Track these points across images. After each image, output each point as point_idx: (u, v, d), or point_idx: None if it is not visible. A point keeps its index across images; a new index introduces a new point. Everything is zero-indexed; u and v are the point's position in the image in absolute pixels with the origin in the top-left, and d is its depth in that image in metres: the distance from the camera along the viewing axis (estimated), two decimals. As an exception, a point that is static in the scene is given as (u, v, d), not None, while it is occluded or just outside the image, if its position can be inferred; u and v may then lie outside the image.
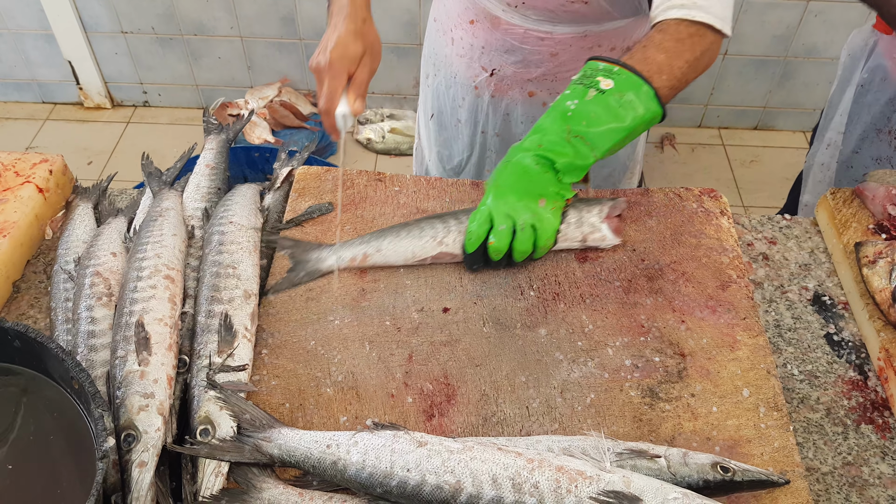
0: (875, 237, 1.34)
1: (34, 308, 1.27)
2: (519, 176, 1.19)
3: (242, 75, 3.59)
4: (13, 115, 3.74)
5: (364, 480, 0.94)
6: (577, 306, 1.23)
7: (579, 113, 1.18)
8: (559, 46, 1.51)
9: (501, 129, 1.73)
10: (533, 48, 1.53)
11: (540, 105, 1.65)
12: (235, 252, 1.23)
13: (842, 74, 1.89)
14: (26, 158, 1.43)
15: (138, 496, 0.93)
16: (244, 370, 1.10)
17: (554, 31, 1.49)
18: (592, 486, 0.89)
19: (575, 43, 1.51)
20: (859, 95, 1.78)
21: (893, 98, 1.67)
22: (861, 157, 1.78)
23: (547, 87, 1.61)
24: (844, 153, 1.84)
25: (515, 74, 1.60)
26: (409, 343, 1.18)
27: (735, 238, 1.34)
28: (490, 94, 1.66)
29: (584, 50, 1.52)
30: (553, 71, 1.57)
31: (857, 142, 1.78)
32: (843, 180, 1.85)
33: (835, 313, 1.30)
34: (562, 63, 1.55)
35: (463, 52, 1.65)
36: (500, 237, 1.19)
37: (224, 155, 1.51)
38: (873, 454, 1.11)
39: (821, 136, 1.96)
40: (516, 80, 1.61)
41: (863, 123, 1.76)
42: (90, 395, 0.92)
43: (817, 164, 1.97)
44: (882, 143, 1.72)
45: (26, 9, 3.37)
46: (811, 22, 3.21)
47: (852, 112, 1.81)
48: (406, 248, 1.26)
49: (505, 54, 1.57)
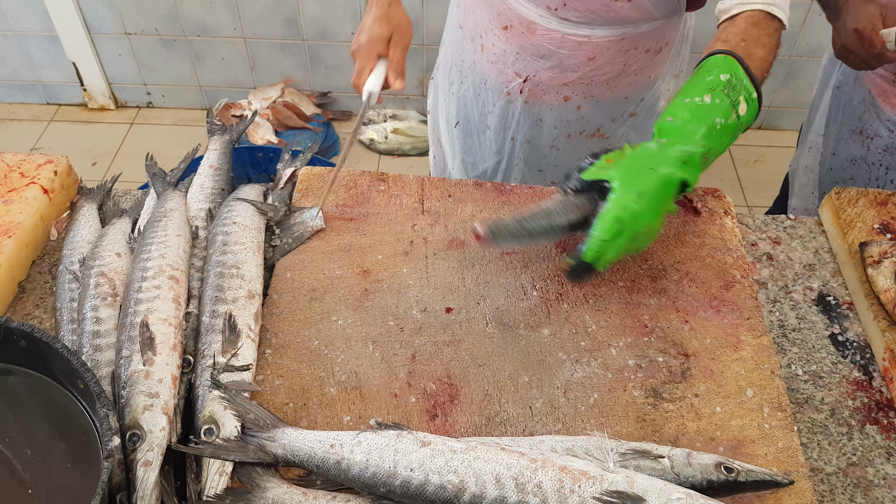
0: (880, 237, 1.34)
1: (39, 308, 1.27)
2: (663, 194, 1.14)
3: (246, 76, 3.60)
4: (18, 116, 3.75)
5: (367, 480, 0.94)
6: (580, 306, 1.23)
7: (719, 135, 1.18)
8: (596, 50, 1.51)
9: (532, 134, 1.72)
10: (570, 52, 1.52)
11: (574, 109, 1.64)
12: (239, 252, 1.24)
13: (822, 77, 1.89)
14: (31, 159, 1.44)
15: (143, 495, 0.94)
16: (248, 370, 1.10)
17: (592, 35, 1.48)
18: (596, 487, 0.89)
19: (612, 46, 1.50)
20: (836, 97, 1.78)
21: (865, 98, 1.67)
22: (838, 159, 1.78)
23: (582, 90, 1.60)
24: (825, 155, 1.83)
25: (551, 80, 1.59)
26: (413, 343, 1.18)
27: (739, 238, 1.34)
28: (523, 101, 1.65)
29: (621, 53, 1.52)
30: (589, 75, 1.56)
31: (834, 143, 1.78)
32: (825, 182, 1.85)
33: (839, 313, 1.30)
34: (598, 66, 1.54)
35: (495, 59, 1.64)
36: (617, 252, 1.14)
37: (228, 156, 1.51)
38: (878, 455, 1.11)
39: (804, 139, 1.95)
40: (551, 86, 1.60)
41: (838, 125, 1.76)
42: (95, 394, 0.92)
43: (801, 168, 1.97)
44: (856, 144, 1.72)
45: (30, 10, 3.38)
46: (815, 21, 3.20)
47: (830, 114, 1.80)
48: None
49: (540, 60, 1.56)
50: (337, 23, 3.34)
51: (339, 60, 3.50)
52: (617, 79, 1.57)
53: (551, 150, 1.73)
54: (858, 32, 1.46)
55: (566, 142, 1.70)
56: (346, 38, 3.40)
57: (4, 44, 3.53)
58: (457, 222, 1.37)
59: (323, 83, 3.62)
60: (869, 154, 1.69)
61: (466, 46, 1.71)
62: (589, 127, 1.67)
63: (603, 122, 1.67)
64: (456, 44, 1.76)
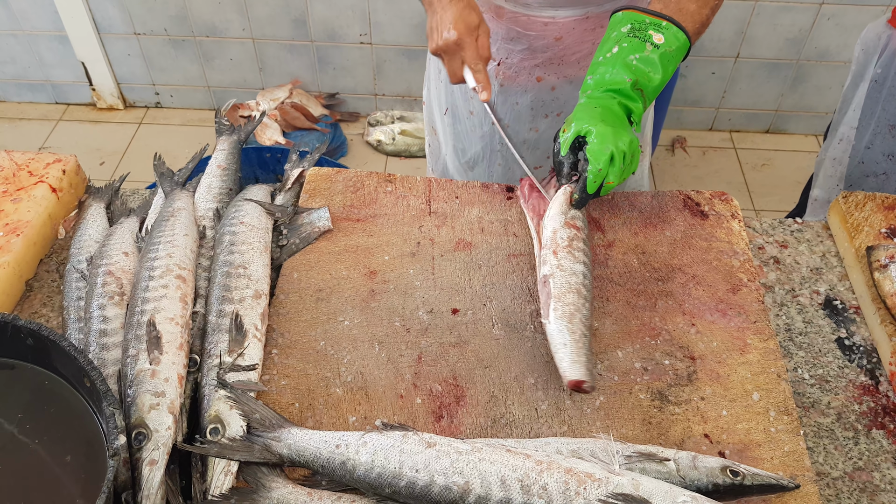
0: (887, 241, 1.33)
1: (47, 307, 1.28)
2: (613, 117, 1.25)
3: (254, 77, 3.61)
4: (27, 115, 3.77)
5: (373, 481, 0.95)
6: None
7: (641, 67, 1.28)
8: (563, 30, 1.54)
9: (512, 117, 1.74)
10: (537, 34, 1.56)
11: (549, 89, 1.67)
12: (246, 252, 1.24)
13: (855, 69, 1.88)
14: (40, 158, 1.44)
15: (149, 494, 0.94)
16: (254, 370, 1.10)
17: (556, 16, 1.52)
18: (601, 489, 0.89)
19: (578, 25, 1.54)
20: (873, 91, 1.77)
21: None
22: (872, 153, 1.77)
23: (553, 70, 1.64)
24: (857, 148, 1.82)
25: (522, 62, 1.62)
26: (419, 344, 1.18)
27: (746, 241, 1.34)
28: (499, 84, 1.68)
29: (588, 32, 1.56)
30: (559, 55, 1.59)
31: (870, 137, 1.77)
32: (853, 174, 1.84)
33: (846, 317, 1.30)
34: (567, 46, 1.58)
35: None
36: (617, 176, 1.23)
37: (235, 156, 1.52)
38: (884, 459, 1.11)
39: (834, 130, 1.94)
40: (523, 68, 1.64)
41: (876, 119, 1.75)
42: (102, 393, 0.92)
43: (829, 159, 1.96)
44: (895, 140, 1.71)
45: (41, 10, 3.39)
46: (824, 25, 3.19)
47: (865, 107, 1.79)
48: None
49: (510, 43, 1.59)
50: (345, 24, 3.35)
51: (347, 62, 3.51)
52: (587, 58, 1.61)
53: (531, 132, 1.76)
54: None
55: (544, 122, 1.74)
56: (353, 40, 3.41)
57: (14, 43, 3.55)
58: (464, 224, 1.37)
59: (331, 84, 3.62)
60: None
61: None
62: (566, 108, 1.71)
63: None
64: None
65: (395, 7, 3.26)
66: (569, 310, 1.14)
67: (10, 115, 3.77)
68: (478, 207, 1.40)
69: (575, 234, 1.23)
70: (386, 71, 3.53)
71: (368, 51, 3.45)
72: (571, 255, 1.21)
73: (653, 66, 1.28)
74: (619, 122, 1.25)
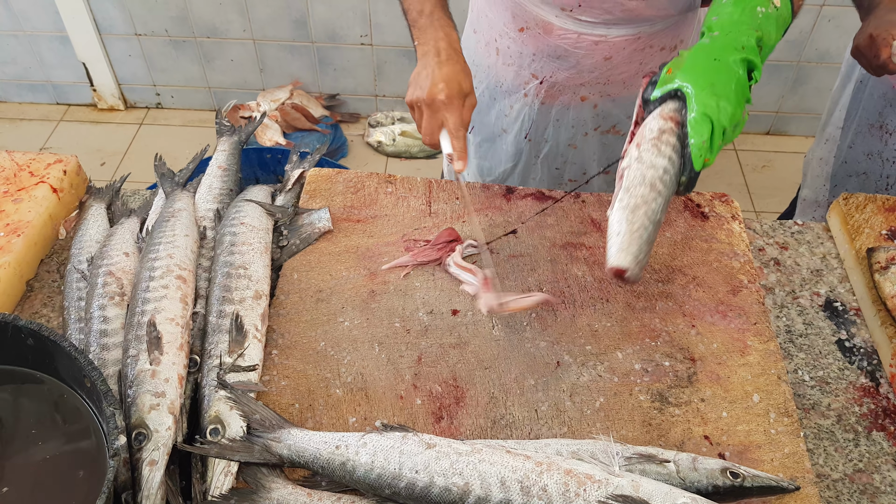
0: (887, 243, 1.33)
1: (47, 307, 1.28)
2: (727, 78, 1.12)
3: (255, 78, 3.61)
4: (28, 115, 3.77)
5: (373, 481, 0.95)
6: (586, 310, 1.23)
7: (764, 22, 1.17)
8: (613, 50, 1.51)
9: (549, 134, 1.72)
10: (586, 52, 1.52)
11: (591, 107, 1.64)
12: (247, 253, 1.24)
13: (844, 70, 1.89)
14: (41, 159, 1.44)
15: (149, 494, 0.94)
16: (254, 370, 1.10)
17: (608, 35, 1.48)
18: (601, 490, 0.89)
19: (628, 45, 1.51)
20: (857, 91, 1.78)
21: (887, 93, 1.67)
22: (854, 152, 1.78)
23: (599, 90, 1.60)
24: (841, 148, 1.84)
25: (567, 80, 1.59)
26: (418, 345, 1.18)
27: (746, 243, 1.34)
28: (540, 102, 1.65)
29: (637, 52, 1.52)
30: (606, 74, 1.56)
31: (853, 137, 1.78)
32: (838, 174, 1.85)
33: (847, 319, 1.30)
34: (615, 66, 1.54)
35: (511, 61, 1.64)
36: (714, 154, 1.11)
37: (236, 157, 1.52)
38: (885, 461, 1.11)
39: (821, 131, 1.96)
40: (568, 86, 1.61)
41: (858, 119, 1.76)
42: (102, 393, 0.92)
43: (816, 159, 1.97)
44: (874, 139, 1.72)
45: (41, 11, 3.40)
46: (824, 27, 3.19)
47: (850, 107, 1.81)
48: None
49: (557, 61, 1.56)
50: (346, 25, 3.35)
51: (348, 63, 3.51)
52: (634, 78, 1.58)
53: (568, 148, 1.74)
54: (872, 38, 1.46)
55: (583, 139, 1.71)
56: (354, 41, 3.41)
57: (15, 44, 3.55)
58: (465, 224, 1.37)
59: (331, 85, 3.63)
60: (886, 149, 1.69)
61: (481, 51, 1.71)
62: (605, 123, 1.68)
63: (619, 118, 1.68)
64: (469, 49, 1.76)
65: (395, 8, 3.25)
66: (634, 201, 1.07)
67: (10, 115, 3.77)
68: (478, 208, 1.40)
69: (670, 127, 1.12)
70: (386, 72, 3.53)
71: (369, 52, 3.45)
72: (657, 148, 1.10)
73: (772, 28, 1.18)
74: (728, 88, 1.11)
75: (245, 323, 1.13)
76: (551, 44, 1.53)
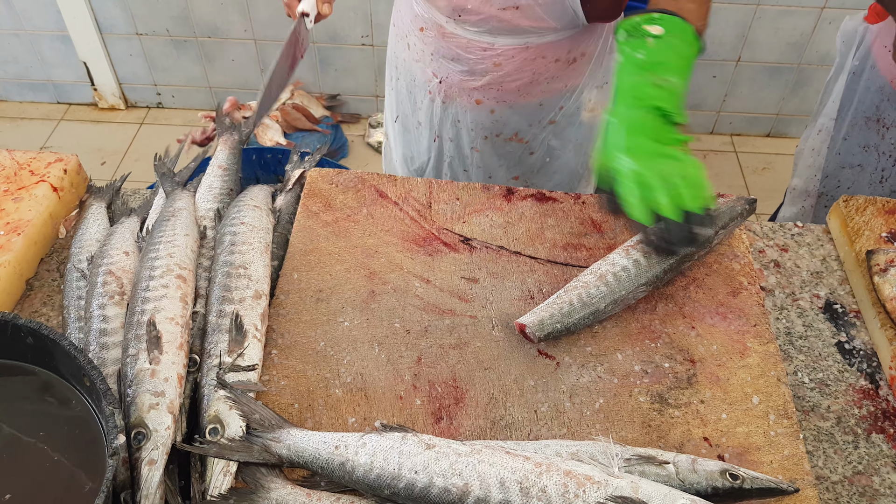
0: (887, 245, 1.33)
1: (47, 306, 1.28)
2: (641, 130, 1.13)
3: (255, 78, 3.61)
4: (29, 114, 3.77)
5: (372, 482, 0.94)
6: (586, 311, 1.23)
7: (651, 60, 1.18)
8: (501, 58, 1.53)
9: (454, 135, 1.75)
10: (477, 58, 1.55)
11: (488, 112, 1.66)
12: (247, 252, 1.24)
13: (838, 61, 1.89)
14: (41, 158, 1.44)
15: (147, 494, 0.94)
16: (254, 370, 1.10)
17: (495, 43, 1.51)
18: (600, 492, 0.89)
19: (517, 54, 1.52)
20: (851, 82, 1.78)
21: (884, 87, 1.66)
22: (849, 144, 1.78)
23: (493, 95, 1.62)
24: (835, 139, 1.83)
25: (462, 82, 1.62)
26: (418, 345, 1.18)
27: (746, 245, 1.34)
28: (441, 100, 1.69)
29: (528, 61, 1.53)
30: (498, 80, 1.58)
31: (847, 129, 1.78)
32: (831, 165, 1.85)
33: (846, 321, 1.30)
34: (506, 73, 1.56)
35: (418, 58, 1.69)
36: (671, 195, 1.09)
37: (236, 156, 1.52)
38: (884, 464, 1.10)
39: (814, 121, 1.95)
40: (463, 88, 1.64)
41: (853, 110, 1.76)
42: (101, 392, 0.92)
43: (808, 149, 1.97)
44: (870, 132, 1.72)
45: (43, 10, 3.40)
46: (825, 29, 3.19)
47: (844, 98, 1.80)
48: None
49: (452, 62, 1.59)
50: (347, 26, 3.35)
51: (349, 63, 3.51)
52: (528, 86, 1.59)
53: (472, 151, 1.76)
54: None
55: (483, 143, 1.74)
56: (355, 42, 3.41)
57: (16, 43, 3.55)
58: (464, 225, 1.37)
59: (332, 86, 3.63)
60: (882, 143, 1.68)
61: (398, 44, 1.77)
62: (506, 130, 1.70)
63: (520, 126, 1.70)
64: (392, 40, 1.83)
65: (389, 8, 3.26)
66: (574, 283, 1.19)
67: (11, 114, 3.77)
68: (479, 208, 1.40)
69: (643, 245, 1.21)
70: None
71: (370, 52, 3.46)
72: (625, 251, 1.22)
73: (661, 55, 1.18)
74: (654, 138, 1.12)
75: (245, 322, 1.13)
76: (446, 45, 1.57)
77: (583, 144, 1.79)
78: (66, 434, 0.99)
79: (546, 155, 1.77)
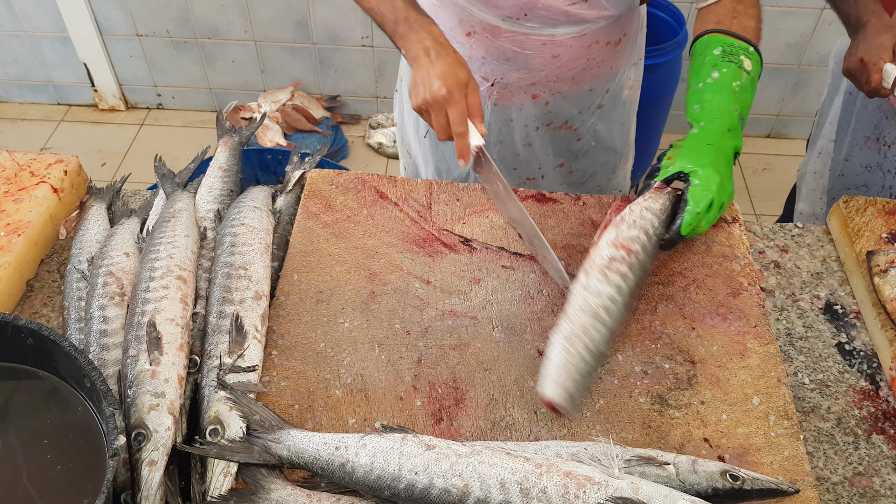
0: (887, 246, 1.33)
1: (47, 307, 1.28)
2: (723, 160, 1.27)
3: (256, 79, 3.61)
4: (29, 116, 3.77)
5: (372, 483, 0.94)
6: (586, 312, 1.23)
7: (741, 94, 1.31)
8: (560, 48, 1.53)
9: (503, 134, 1.74)
10: (534, 52, 1.54)
11: (542, 104, 1.66)
12: (247, 254, 1.24)
13: (831, 82, 1.89)
14: (41, 159, 1.45)
15: (148, 495, 0.94)
16: (254, 371, 1.10)
17: (555, 34, 1.51)
18: (601, 492, 0.89)
19: (575, 43, 1.53)
20: (847, 103, 1.78)
21: (882, 105, 1.66)
22: (851, 165, 1.78)
23: (549, 87, 1.63)
24: (836, 161, 1.83)
25: (518, 81, 1.61)
26: (418, 346, 1.18)
27: (747, 246, 1.34)
28: (493, 104, 1.67)
29: (584, 48, 1.55)
30: (555, 72, 1.59)
31: (848, 149, 1.78)
32: (835, 187, 1.85)
33: (847, 322, 1.30)
34: (563, 63, 1.57)
35: None
36: (709, 223, 1.26)
37: (237, 157, 1.52)
38: (884, 465, 1.10)
39: (813, 144, 1.95)
40: (519, 86, 1.63)
41: (852, 131, 1.76)
42: (102, 393, 0.92)
43: (810, 173, 1.97)
44: (871, 151, 1.71)
45: (43, 11, 3.40)
46: (825, 30, 3.19)
47: (841, 120, 1.80)
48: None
49: (506, 63, 1.58)
50: (347, 27, 3.35)
51: (349, 64, 3.51)
52: (582, 73, 1.61)
53: (523, 147, 1.75)
54: (863, 62, 1.46)
55: (535, 135, 1.73)
56: (355, 42, 3.41)
57: (17, 44, 3.55)
58: (465, 226, 1.37)
59: (332, 87, 3.63)
60: (886, 161, 1.68)
61: None
62: (557, 119, 1.70)
63: (570, 114, 1.70)
64: None
65: (397, 10, 3.26)
66: (573, 330, 1.09)
67: (12, 115, 3.77)
68: (479, 209, 1.40)
69: (622, 255, 1.16)
70: (387, 73, 3.53)
71: (370, 53, 3.46)
72: (604, 275, 1.14)
73: (749, 93, 1.31)
74: (726, 168, 1.26)
75: (245, 324, 1.13)
76: (500, 46, 1.55)
77: (625, 122, 1.83)
78: (65, 435, 0.99)
79: (592, 139, 1.78)
